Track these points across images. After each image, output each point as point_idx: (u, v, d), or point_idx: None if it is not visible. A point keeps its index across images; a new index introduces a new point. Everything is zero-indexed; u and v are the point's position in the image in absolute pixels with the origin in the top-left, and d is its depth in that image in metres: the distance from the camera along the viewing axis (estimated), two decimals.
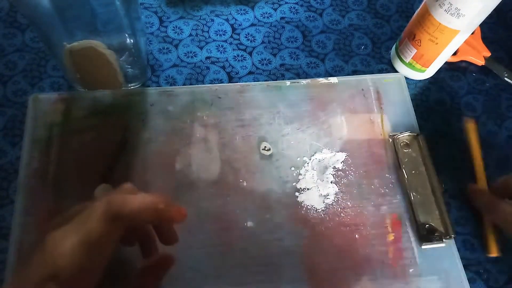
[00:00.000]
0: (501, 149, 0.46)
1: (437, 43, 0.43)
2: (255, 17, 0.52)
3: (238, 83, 0.46)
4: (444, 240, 0.39)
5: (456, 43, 0.43)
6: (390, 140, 0.44)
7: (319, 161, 0.42)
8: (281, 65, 0.49)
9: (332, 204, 0.41)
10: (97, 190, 0.38)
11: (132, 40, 0.41)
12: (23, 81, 0.45)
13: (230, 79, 0.47)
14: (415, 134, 0.44)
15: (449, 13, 0.39)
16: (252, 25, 0.51)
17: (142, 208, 0.27)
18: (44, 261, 0.25)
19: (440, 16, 0.40)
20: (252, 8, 0.52)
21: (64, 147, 0.41)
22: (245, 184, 0.41)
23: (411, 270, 0.38)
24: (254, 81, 0.47)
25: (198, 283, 0.37)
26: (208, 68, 0.48)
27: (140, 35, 0.42)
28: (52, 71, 0.46)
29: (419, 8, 0.43)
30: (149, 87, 0.46)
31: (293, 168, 0.42)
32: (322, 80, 0.47)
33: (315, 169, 0.42)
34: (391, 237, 0.40)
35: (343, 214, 0.40)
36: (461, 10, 0.38)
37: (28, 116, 0.42)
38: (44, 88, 0.45)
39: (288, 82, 0.46)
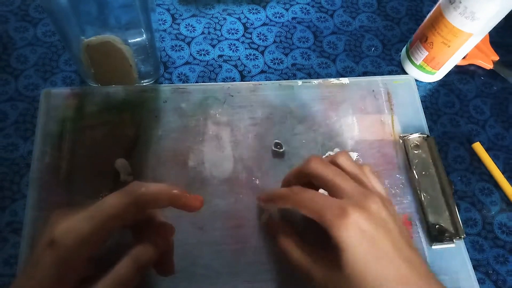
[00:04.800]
0: (509, 152, 0.47)
1: (449, 46, 0.43)
2: (267, 16, 0.52)
3: (250, 82, 0.46)
4: (454, 240, 0.40)
5: (468, 46, 0.43)
6: (401, 141, 0.44)
7: None
8: (293, 64, 0.49)
9: None
10: (117, 161, 0.40)
11: (146, 36, 0.41)
12: (34, 75, 0.45)
13: (242, 78, 0.47)
14: (425, 136, 0.44)
15: (463, 16, 0.39)
16: (264, 24, 0.51)
17: (159, 190, 0.30)
18: (44, 232, 0.27)
19: (454, 18, 0.41)
20: (264, 7, 0.52)
21: (76, 142, 0.41)
22: (257, 182, 0.41)
23: None
24: (266, 80, 0.47)
25: (210, 280, 0.37)
26: (220, 66, 0.48)
27: (154, 31, 0.42)
28: (64, 66, 0.46)
29: (432, 11, 0.44)
30: (162, 84, 0.46)
31: None
32: (333, 80, 0.47)
33: None
34: None
35: None
36: (476, 13, 0.39)
37: (40, 110, 0.42)
38: (56, 83, 0.45)
39: (300, 82, 0.47)
